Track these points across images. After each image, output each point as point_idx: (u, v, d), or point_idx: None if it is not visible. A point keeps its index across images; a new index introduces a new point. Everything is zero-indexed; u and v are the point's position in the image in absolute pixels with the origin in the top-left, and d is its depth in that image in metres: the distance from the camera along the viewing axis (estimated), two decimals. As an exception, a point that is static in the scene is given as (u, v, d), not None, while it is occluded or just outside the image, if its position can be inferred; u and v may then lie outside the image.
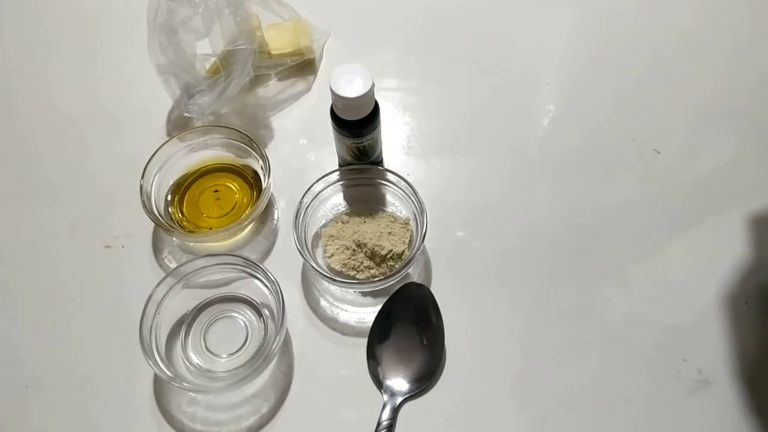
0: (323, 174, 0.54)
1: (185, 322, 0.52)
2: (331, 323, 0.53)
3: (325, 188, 0.55)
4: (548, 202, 0.58)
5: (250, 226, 0.57)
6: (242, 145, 0.57)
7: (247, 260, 0.50)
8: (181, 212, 0.57)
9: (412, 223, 0.54)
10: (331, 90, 0.48)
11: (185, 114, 0.60)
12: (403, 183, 0.54)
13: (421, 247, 0.51)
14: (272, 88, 0.66)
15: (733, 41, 0.68)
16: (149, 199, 0.54)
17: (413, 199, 0.53)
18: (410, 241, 0.54)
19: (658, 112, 0.64)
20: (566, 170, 0.60)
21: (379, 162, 0.58)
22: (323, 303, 0.54)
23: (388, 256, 0.52)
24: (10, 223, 0.58)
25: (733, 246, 0.55)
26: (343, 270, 0.53)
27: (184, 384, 0.46)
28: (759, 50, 0.67)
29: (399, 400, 0.48)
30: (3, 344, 0.53)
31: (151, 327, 0.48)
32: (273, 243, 0.57)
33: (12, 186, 0.61)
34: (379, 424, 0.47)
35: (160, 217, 0.54)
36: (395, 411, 0.48)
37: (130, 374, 0.50)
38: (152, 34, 0.56)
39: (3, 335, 0.53)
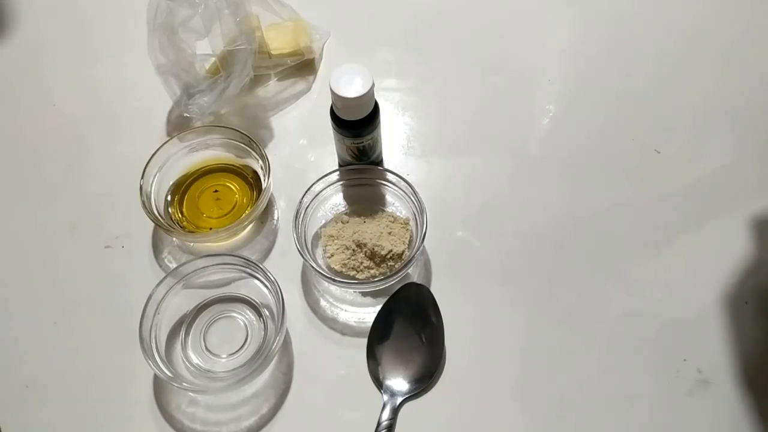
0: (323, 174, 0.54)
1: (185, 322, 0.52)
2: (331, 323, 0.53)
3: (325, 188, 0.55)
4: (548, 202, 0.58)
5: (250, 226, 0.57)
6: (242, 145, 0.57)
7: (247, 260, 0.50)
8: (181, 212, 0.57)
9: (412, 223, 0.54)
10: (331, 90, 0.48)
11: (185, 114, 0.60)
12: (403, 183, 0.54)
13: (421, 247, 0.51)
14: (272, 88, 0.66)
15: (733, 41, 0.68)
16: (149, 199, 0.54)
17: (413, 199, 0.53)
18: (410, 241, 0.54)
19: (658, 112, 0.64)
20: (566, 170, 0.60)
21: (379, 162, 0.58)
22: (323, 303, 0.54)
23: (388, 256, 0.52)
24: (10, 223, 0.58)
25: (733, 246, 0.55)
26: (343, 270, 0.53)
27: (184, 384, 0.46)
28: (759, 50, 0.67)
29: (399, 400, 0.48)
30: (3, 344, 0.53)
31: (151, 327, 0.48)
32: (273, 243, 0.57)
33: (12, 186, 0.61)
34: (379, 424, 0.47)
35: (160, 217, 0.54)
36: (395, 411, 0.48)
37: (130, 374, 0.50)
38: (152, 35, 0.56)
39: (3, 335, 0.53)
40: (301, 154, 0.61)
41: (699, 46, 0.68)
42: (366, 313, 0.53)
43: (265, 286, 0.51)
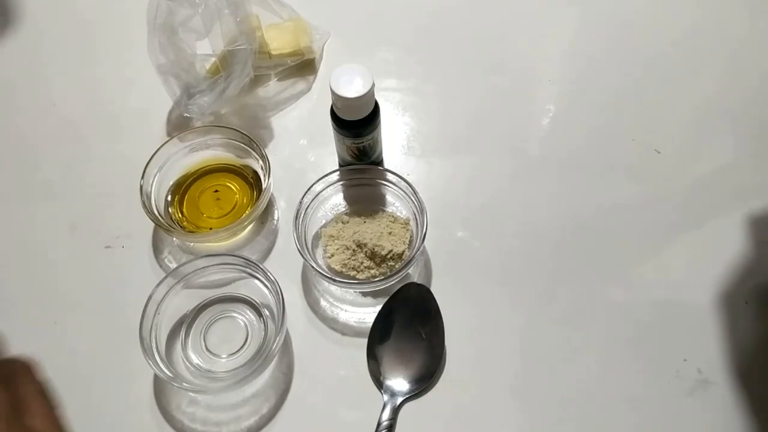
0: (323, 174, 0.54)
1: (185, 322, 0.52)
2: (331, 323, 0.53)
3: (325, 188, 0.55)
4: (548, 202, 0.58)
5: (250, 227, 0.57)
6: (242, 145, 0.57)
7: (247, 260, 0.50)
8: (181, 212, 0.57)
9: (412, 223, 0.54)
10: (331, 90, 0.48)
11: (185, 114, 0.60)
12: (403, 183, 0.54)
13: (421, 248, 0.51)
14: (272, 88, 0.66)
15: (732, 41, 0.68)
16: (149, 199, 0.54)
17: (413, 199, 0.53)
18: (410, 241, 0.54)
19: (658, 112, 0.64)
20: (566, 170, 0.60)
21: (379, 162, 0.58)
22: (323, 303, 0.54)
23: (388, 257, 0.52)
24: (10, 223, 0.58)
25: (732, 246, 0.55)
26: (343, 270, 0.53)
27: (184, 384, 0.46)
28: (759, 50, 0.67)
29: (399, 400, 0.48)
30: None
31: (151, 327, 0.48)
32: (273, 243, 0.57)
33: (12, 186, 0.61)
34: (379, 424, 0.47)
35: (160, 217, 0.54)
36: (395, 411, 0.48)
37: (130, 374, 0.50)
38: (152, 35, 0.56)
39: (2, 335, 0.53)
40: (301, 154, 0.61)
41: (699, 46, 0.68)
42: (366, 313, 0.53)
43: (266, 286, 0.51)
